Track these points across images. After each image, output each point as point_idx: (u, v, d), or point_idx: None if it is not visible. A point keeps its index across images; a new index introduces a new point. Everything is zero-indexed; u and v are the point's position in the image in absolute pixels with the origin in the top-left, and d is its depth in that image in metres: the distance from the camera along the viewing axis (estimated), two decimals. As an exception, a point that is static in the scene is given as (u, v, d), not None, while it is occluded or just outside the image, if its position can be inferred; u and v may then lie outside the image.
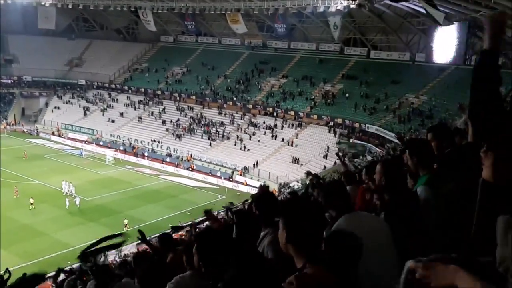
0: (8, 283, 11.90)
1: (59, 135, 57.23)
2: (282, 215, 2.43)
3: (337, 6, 46.30)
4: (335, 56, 56.48)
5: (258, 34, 63.59)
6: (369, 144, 41.58)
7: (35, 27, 69.65)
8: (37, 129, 59.59)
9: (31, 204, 32.80)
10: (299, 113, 50.87)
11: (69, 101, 65.09)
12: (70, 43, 73.30)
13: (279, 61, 59.17)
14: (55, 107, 64.11)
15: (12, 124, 61.11)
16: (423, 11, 37.37)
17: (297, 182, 37.09)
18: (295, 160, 43.94)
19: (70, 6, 65.98)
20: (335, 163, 39.11)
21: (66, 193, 36.00)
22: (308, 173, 7.99)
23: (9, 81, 66.45)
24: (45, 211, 32.79)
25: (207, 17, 64.18)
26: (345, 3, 45.59)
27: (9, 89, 65.80)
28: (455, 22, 39.58)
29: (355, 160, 35.67)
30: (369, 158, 34.84)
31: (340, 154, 21.52)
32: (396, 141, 36.13)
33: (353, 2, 44.81)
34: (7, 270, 12.09)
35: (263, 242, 3.40)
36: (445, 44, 41.16)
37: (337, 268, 2.24)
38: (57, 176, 40.70)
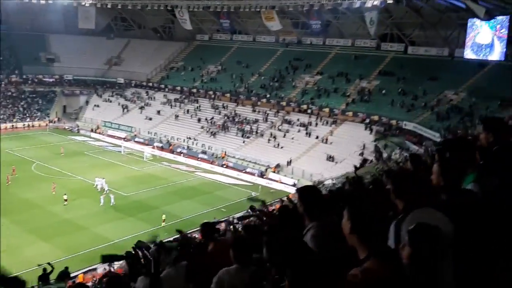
0: (51, 276, 12.45)
1: (98, 132, 58.88)
2: (348, 205, 2.43)
3: (373, 2, 45.65)
4: (371, 52, 55.67)
5: (293, 31, 63.40)
6: (407, 142, 40.77)
7: (76, 26, 71.84)
8: (78, 126, 61.51)
9: (65, 200, 33.65)
10: (334, 110, 50.42)
11: (108, 99, 66.86)
12: (109, 42, 75.21)
13: (313, 58, 58.79)
14: (95, 105, 65.97)
15: (54, 122, 63.31)
16: (463, 5, 36.34)
17: (332, 180, 36.81)
18: (330, 158, 43.61)
19: (109, 6, 67.75)
20: (371, 161, 38.62)
21: (100, 189, 36.75)
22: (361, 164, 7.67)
23: (51, 80, 68.88)
24: (86, 206, 33.79)
25: (242, 15, 64.48)
26: (381, -1, 44.84)
27: (51, 88, 68.17)
28: (496, 17, 38.28)
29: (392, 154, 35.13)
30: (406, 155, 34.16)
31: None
32: (435, 139, 35.42)
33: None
34: (49, 264, 12.65)
35: (306, 236, 3.37)
36: (485, 39, 39.88)
37: (418, 262, 2.20)
38: (97, 172, 41.88)
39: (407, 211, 2.85)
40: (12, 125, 59.51)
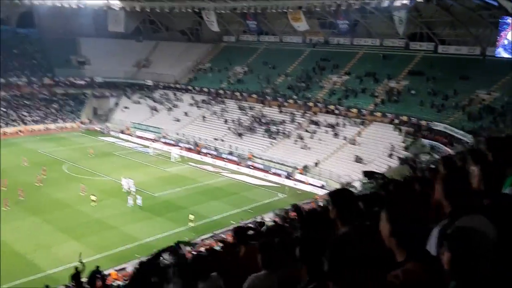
0: (82, 275, 12.70)
1: (128, 134, 59.88)
2: (387, 208, 2.37)
3: (402, 0, 44.96)
4: (400, 52, 54.81)
5: (320, 31, 63.01)
6: (436, 143, 39.90)
7: (105, 30, 73.39)
8: (107, 128, 62.71)
9: (93, 201, 34.08)
10: (362, 110, 49.85)
11: (137, 101, 67.94)
12: (138, 44, 76.49)
13: (341, 58, 58.30)
14: (124, 107, 67.14)
15: (85, 123, 64.73)
16: (495, 3, 35.39)
17: (360, 181, 36.34)
18: (358, 159, 43.11)
19: (138, 9, 68.89)
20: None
21: (126, 190, 37.06)
22: (368, 174, 7.48)
23: (82, 82, 70.46)
24: (115, 205, 34.35)
25: (268, 16, 64.49)
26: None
27: (82, 90, 69.76)
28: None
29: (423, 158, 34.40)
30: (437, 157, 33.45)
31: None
32: (466, 139, 34.56)
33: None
34: (81, 262, 12.91)
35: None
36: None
37: (459, 268, 2.10)
38: (126, 173, 42.56)
39: (455, 216, 2.71)
40: (45, 127, 61.12)
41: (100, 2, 68.58)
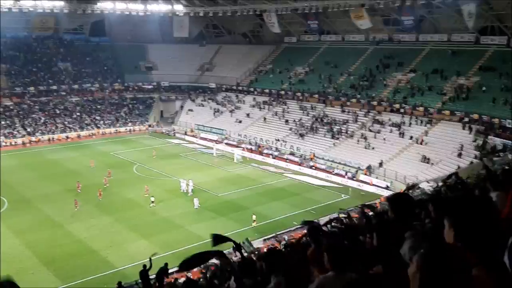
0: (150, 271, 13.25)
1: (192, 135, 61.60)
2: (449, 213, 2.27)
3: (471, -7, 42.74)
4: (469, 47, 52.18)
5: (383, 28, 61.47)
6: (511, 142, 37.57)
7: (171, 35, 76.16)
8: (173, 130, 64.88)
9: (152, 202, 34.89)
10: (429, 109, 47.99)
11: (201, 103, 69.75)
12: (201, 49, 78.57)
13: (406, 55, 56.49)
14: (189, 110, 69.14)
15: (153, 126, 67.38)
16: None
17: (428, 182, 35.02)
18: (425, 159, 41.56)
19: (201, 14, 70.82)
20: (471, 162, 36.21)
21: (184, 191, 37.84)
22: (411, 187, 7.08)
23: (150, 87, 73.49)
24: (181, 205, 35.42)
25: (330, 15, 63.82)
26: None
27: (149, 94, 72.71)
28: None
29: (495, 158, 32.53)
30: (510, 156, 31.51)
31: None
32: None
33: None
34: (149, 260, 13.49)
35: (403, 248, 3.24)
36: None
37: None
38: (191, 173, 43.88)
39: None
40: (116, 130, 64.33)
41: (165, 8, 71.10)
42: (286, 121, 57.21)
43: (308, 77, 63.73)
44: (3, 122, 58.15)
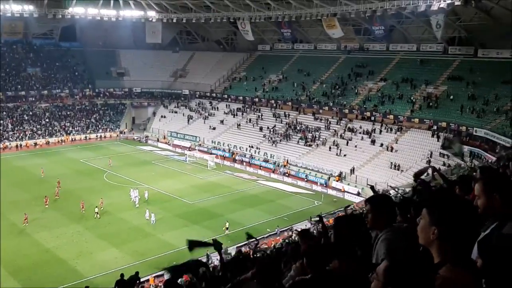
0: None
1: (165, 142, 61.04)
2: (432, 209, 2.25)
3: (440, 4, 43.87)
4: (438, 57, 53.67)
5: (355, 37, 62.52)
6: (477, 149, 38.67)
7: (143, 41, 75.40)
8: (146, 137, 64.15)
9: (96, 213, 33.30)
10: (399, 117, 49.03)
11: (174, 110, 69.24)
12: (175, 55, 78.16)
13: (377, 64, 57.60)
14: (162, 116, 68.54)
15: (124, 132, 66.43)
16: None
17: (396, 189, 35.58)
18: (395, 166, 42.36)
19: (174, 21, 70.41)
20: (439, 169, 37.02)
21: (133, 202, 36.49)
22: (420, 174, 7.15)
23: (121, 93, 72.55)
24: (154, 213, 34.86)
25: (303, 24, 64.55)
26: (448, 1, 43.02)
27: (121, 100, 71.75)
28: None
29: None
30: (476, 163, 32.39)
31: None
32: (508, 145, 33.35)
33: (458, -2, 42.14)
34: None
35: (379, 243, 3.35)
36: None
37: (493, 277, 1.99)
38: (163, 181, 43.48)
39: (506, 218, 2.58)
40: (86, 136, 63.14)
41: (138, 14, 70.48)
42: (260, 128, 57.38)
43: (281, 84, 64.17)
44: (-32, 128, 56.29)
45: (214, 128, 60.93)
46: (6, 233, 29.89)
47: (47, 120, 63.43)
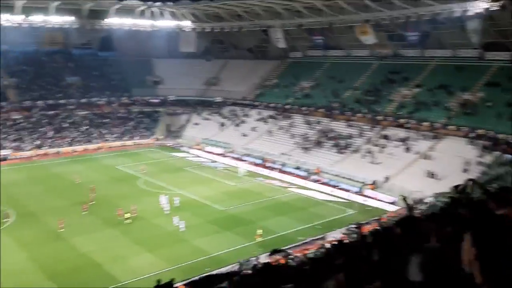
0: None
1: (198, 149, 61.85)
2: (471, 230, 2.25)
3: (476, 10, 42.94)
4: (474, 63, 52.38)
5: (388, 43, 61.82)
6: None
7: (177, 51, 76.93)
8: (179, 144, 65.18)
9: (126, 218, 33.94)
10: (435, 124, 48.02)
11: (206, 117, 70.13)
12: (207, 64, 79.28)
13: (411, 71, 56.71)
14: (195, 123, 69.54)
15: (159, 139, 67.74)
16: None
17: (434, 198, 34.87)
18: (431, 175, 41.45)
19: (207, 30, 71.53)
20: (477, 179, 36.02)
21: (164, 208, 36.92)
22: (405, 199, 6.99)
23: (156, 101, 74.07)
24: (185, 219, 35.20)
25: (335, 31, 64.32)
26: (485, 6, 42.02)
27: (156, 108, 73.26)
28: None
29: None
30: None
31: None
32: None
33: (495, 3, 41.13)
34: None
35: (411, 267, 3.26)
36: None
37: None
38: (196, 187, 44.04)
39: None
40: (122, 143, 64.71)
41: (172, 24, 71.94)
42: (292, 135, 57.37)
43: (313, 91, 64.04)
44: (11, 136, 58.76)
45: (245, 135, 61.30)
46: (44, 238, 31.00)
47: (85, 127, 65.41)
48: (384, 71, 59.45)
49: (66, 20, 64.41)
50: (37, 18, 62.49)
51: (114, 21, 67.68)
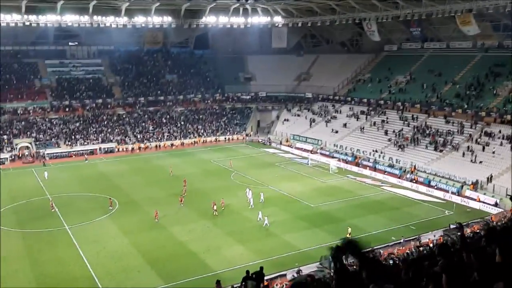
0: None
1: (287, 145, 62.20)
2: None
3: None
4: None
5: (493, 34, 57.34)
6: None
7: (269, 47, 77.85)
8: (269, 139, 66.04)
9: (215, 210, 35.11)
10: (547, 121, 43.75)
11: (297, 113, 70.22)
12: (299, 59, 79.26)
13: (519, 63, 52.09)
14: (285, 119, 69.95)
15: (250, 135, 69.21)
16: None
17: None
18: (541, 176, 37.88)
19: (299, 25, 71.42)
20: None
21: (249, 202, 37.37)
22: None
23: (248, 97, 75.68)
24: (276, 214, 35.78)
25: (434, 22, 61.01)
26: None
27: (247, 104, 74.87)
28: None
29: None
30: None
31: None
32: None
33: None
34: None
35: None
36: None
37: None
38: (286, 183, 44.39)
39: None
40: (215, 138, 67.08)
41: (265, 20, 72.89)
42: (385, 131, 55.50)
43: (409, 86, 61.37)
44: (116, 130, 63.60)
45: (336, 132, 60.44)
46: (146, 226, 33.17)
47: (182, 123, 68.76)
48: (488, 63, 55.23)
49: (166, 20, 67.94)
50: (140, 19, 66.62)
51: (210, 20, 70.11)
